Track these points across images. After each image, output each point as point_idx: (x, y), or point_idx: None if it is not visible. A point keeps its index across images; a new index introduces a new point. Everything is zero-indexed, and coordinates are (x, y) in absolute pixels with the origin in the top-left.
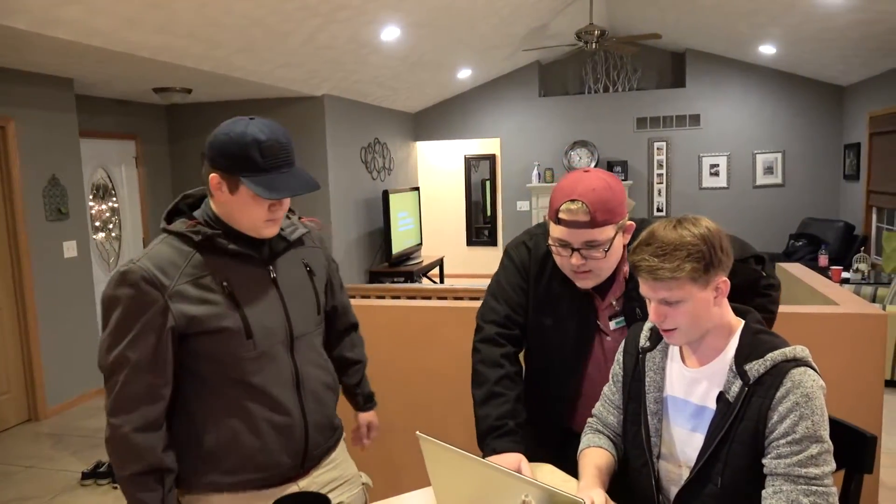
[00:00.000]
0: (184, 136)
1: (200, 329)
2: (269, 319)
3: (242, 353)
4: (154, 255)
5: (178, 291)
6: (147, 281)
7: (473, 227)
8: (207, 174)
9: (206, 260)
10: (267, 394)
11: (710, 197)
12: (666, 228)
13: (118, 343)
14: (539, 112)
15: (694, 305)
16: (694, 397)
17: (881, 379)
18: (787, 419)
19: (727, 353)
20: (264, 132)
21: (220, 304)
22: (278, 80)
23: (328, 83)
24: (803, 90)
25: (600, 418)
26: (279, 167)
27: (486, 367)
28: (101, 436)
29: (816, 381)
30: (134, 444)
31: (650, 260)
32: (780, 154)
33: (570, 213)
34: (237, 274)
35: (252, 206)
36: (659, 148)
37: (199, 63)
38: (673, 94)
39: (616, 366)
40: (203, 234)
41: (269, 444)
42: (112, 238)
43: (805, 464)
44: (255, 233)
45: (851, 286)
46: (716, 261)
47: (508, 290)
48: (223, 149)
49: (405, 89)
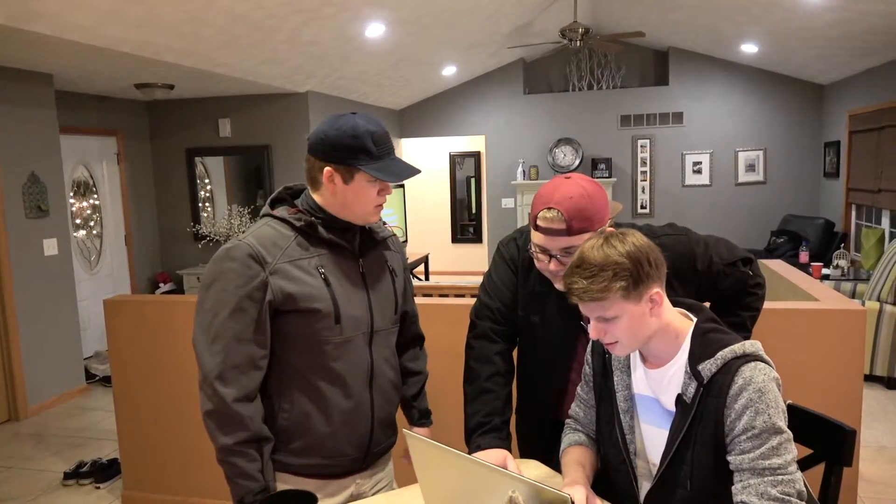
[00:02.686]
0: (166, 133)
1: (294, 307)
2: (355, 308)
3: (328, 337)
4: (259, 235)
5: (279, 269)
6: (252, 257)
7: (458, 224)
8: (318, 169)
9: (305, 245)
10: (343, 381)
11: (692, 194)
12: (593, 248)
13: (220, 313)
14: (524, 109)
15: (629, 320)
16: (660, 398)
17: (860, 373)
18: (743, 416)
19: (682, 355)
20: (373, 123)
21: (315, 287)
22: (262, 76)
23: (312, 80)
24: (784, 88)
25: (577, 418)
26: (389, 153)
27: (478, 363)
28: (83, 435)
29: (768, 374)
30: (236, 413)
31: (579, 282)
32: (762, 152)
33: (547, 221)
34: (331, 262)
35: (365, 192)
36: (643, 146)
37: (182, 59)
38: (656, 92)
39: (586, 366)
40: (305, 220)
41: (338, 431)
42: (93, 235)
43: (768, 455)
44: (364, 219)
45: (832, 282)
46: (644, 275)
47: (500, 287)
48: (337, 143)
49: (390, 86)
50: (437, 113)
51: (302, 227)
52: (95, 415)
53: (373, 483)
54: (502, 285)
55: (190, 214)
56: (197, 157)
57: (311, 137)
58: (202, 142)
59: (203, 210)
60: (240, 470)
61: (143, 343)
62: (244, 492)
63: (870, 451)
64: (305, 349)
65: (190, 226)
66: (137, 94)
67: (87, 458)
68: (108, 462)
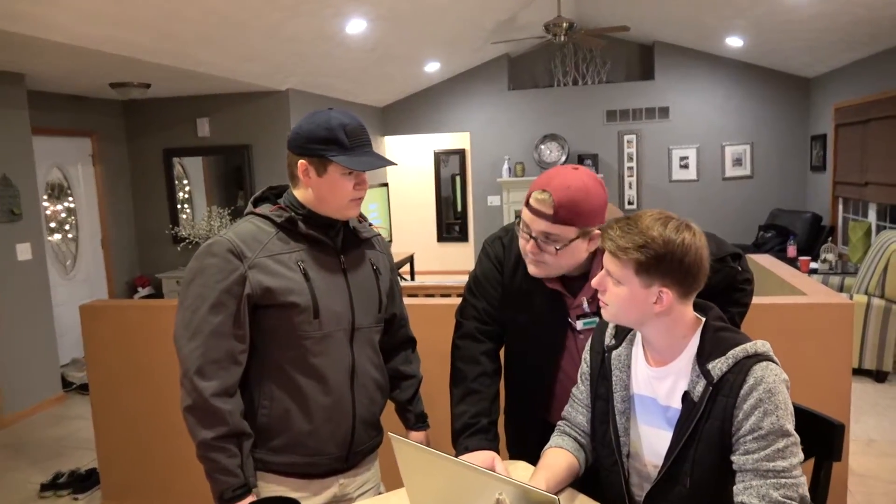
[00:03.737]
0: (142, 133)
1: (273, 301)
2: (335, 304)
3: (307, 332)
4: (239, 231)
5: (258, 263)
6: (231, 251)
7: (444, 222)
8: (294, 164)
9: (286, 241)
10: (323, 377)
11: (680, 189)
12: (649, 215)
13: (200, 308)
14: (509, 106)
15: (630, 294)
16: (659, 396)
17: (849, 367)
18: (752, 416)
19: (688, 352)
20: (347, 116)
21: (294, 281)
22: (241, 74)
23: (293, 77)
24: (770, 82)
25: (569, 419)
26: (362, 146)
27: (464, 364)
28: (60, 445)
29: (779, 375)
30: (215, 408)
31: (615, 230)
32: (749, 146)
33: (537, 202)
34: (312, 258)
35: (340, 185)
36: (629, 141)
37: (159, 57)
38: (642, 86)
39: (584, 364)
40: (285, 216)
41: (319, 428)
42: (69, 240)
43: (773, 458)
44: (340, 213)
45: (819, 276)
46: (664, 267)
47: (485, 286)
48: (311, 135)
49: (372, 83)
50: (421, 110)
51: (282, 223)
52: (73, 424)
53: (358, 484)
54: (488, 284)
55: (168, 216)
56: (175, 157)
57: (289, 133)
58: (180, 142)
59: (182, 212)
60: (219, 465)
61: (121, 349)
62: (224, 487)
63: (859, 444)
64: (285, 344)
65: (168, 228)
66: (113, 94)
67: (64, 469)
68: (86, 472)
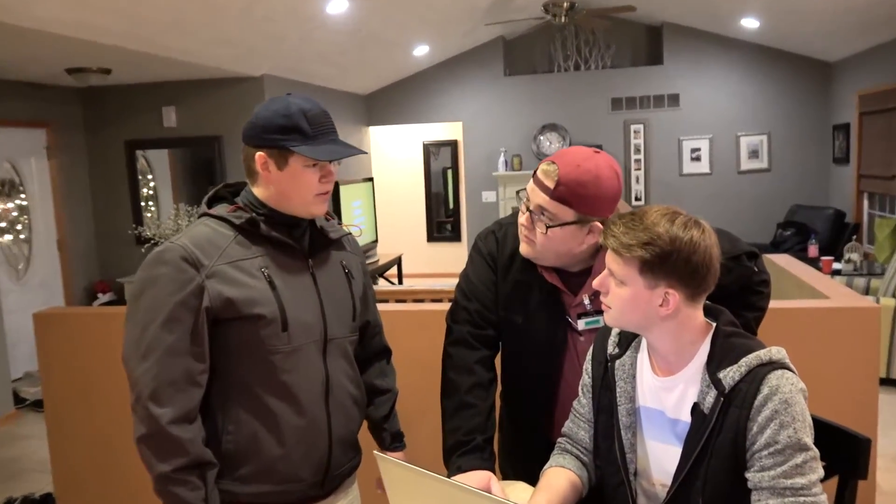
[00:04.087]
0: (102, 124)
1: (235, 314)
2: (305, 313)
3: (276, 346)
4: (194, 235)
5: (217, 272)
6: (186, 259)
7: (434, 221)
8: (251, 157)
9: (247, 245)
10: (294, 396)
11: (691, 184)
12: (656, 211)
13: (152, 324)
14: (504, 93)
15: (633, 295)
16: (667, 409)
17: (875, 377)
18: (767, 429)
19: (698, 360)
20: (308, 102)
21: (258, 290)
22: (211, 58)
23: (268, 62)
24: (789, 67)
25: (570, 435)
26: (326, 134)
27: (457, 374)
28: (13, 467)
29: (795, 385)
30: (173, 436)
31: (619, 227)
32: (766, 136)
33: (542, 173)
34: (277, 262)
35: (303, 179)
36: (636, 131)
37: (120, 40)
38: (649, 72)
39: (585, 376)
40: (245, 217)
41: (291, 452)
42: (21, 241)
43: (790, 474)
44: (305, 210)
45: (843, 278)
46: (669, 267)
47: (478, 285)
48: (268, 124)
49: (355, 68)
50: (409, 98)
51: (242, 225)
52: (27, 444)
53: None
54: (480, 284)
55: (131, 215)
56: (138, 150)
57: (244, 124)
58: (144, 133)
59: (146, 210)
60: (181, 500)
61: (79, 362)
62: None
63: (887, 460)
64: (251, 361)
65: (131, 228)
66: (70, 81)
67: (17, 494)
68: (41, 497)
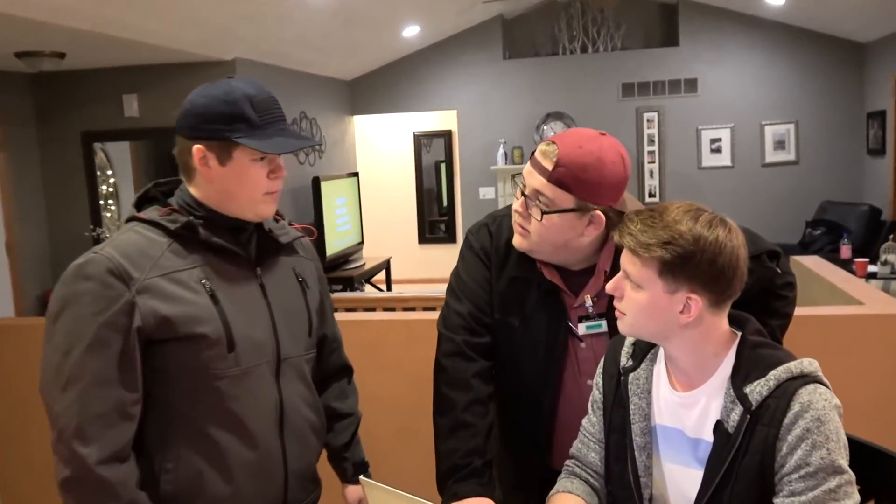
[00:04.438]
0: (56, 114)
1: (173, 334)
2: (254, 331)
3: (221, 370)
4: (121, 244)
5: (149, 286)
6: (112, 272)
7: (427, 220)
8: (187, 151)
9: (184, 253)
10: (244, 426)
11: (711, 178)
12: (677, 208)
13: (74, 349)
14: (504, 78)
15: (650, 301)
16: (687, 427)
17: None
18: (798, 449)
19: (721, 373)
20: (252, 86)
21: (198, 305)
22: (177, 40)
23: (241, 44)
24: (818, 48)
25: (579, 457)
26: (275, 123)
27: (452, 389)
28: None
29: (829, 401)
30: (102, 479)
31: (636, 224)
32: (793, 125)
33: (540, 153)
34: (219, 273)
35: (250, 175)
36: (649, 120)
37: (75, 20)
38: (664, 54)
39: (595, 391)
40: (181, 221)
41: (241, 490)
42: None
43: (823, 500)
44: (251, 211)
45: (879, 282)
46: (693, 270)
47: (471, 285)
48: (208, 112)
49: (338, 52)
50: (398, 84)
51: (178, 231)
52: None
53: None
54: (474, 283)
55: (89, 215)
56: (96, 142)
57: (177, 112)
58: (103, 124)
59: (105, 209)
60: None
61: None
62: None
63: None
64: (192, 388)
65: (89, 230)
66: (19, 66)
67: None
68: None
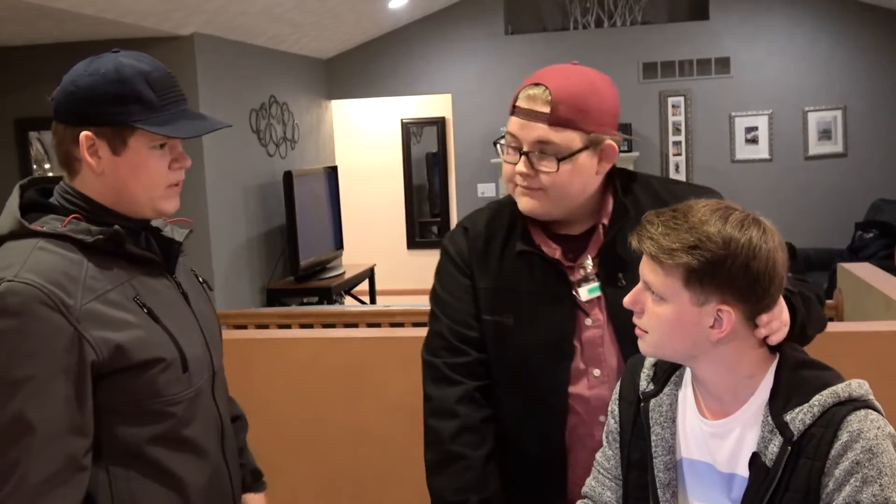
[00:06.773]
0: None
1: (126, 363)
2: (195, 346)
3: (177, 394)
4: (38, 266)
5: (88, 313)
6: (43, 302)
7: (416, 221)
8: (71, 140)
9: (106, 269)
10: (201, 450)
11: (746, 172)
12: (705, 205)
13: (11, 402)
14: (506, 57)
15: (677, 314)
16: (718, 461)
17: None
18: (846, 485)
19: (758, 398)
20: (144, 61)
21: (144, 327)
22: (126, 13)
23: (199, 16)
24: (868, 23)
25: (593, 496)
26: (176, 103)
27: (437, 419)
28: None
29: (882, 429)
30: None
31: (656, 226)
32: (840, 112)
33: (528, 100)
34: (144, 286)
35: (148, 165)
36: (675, 105)
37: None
38: (692, 29)
39: (610, 420)
40: (97, 232)
41: None
42: None
43: None
44: (151, 208)
45: None
46: (724, 279)
47: (448, 300)
48: (93, 93)
49: (313, 26)
50: (383, 63)
51: (97, 244)
52: None
53: None
54: (450, 297)
55: None
56: (32, 131)
57: (55, 96)
58: (39, 110)
59: None
60: None
61: None
62: None
63: None
64: (146, 418)
65: None
66: None
67: None
68: None
